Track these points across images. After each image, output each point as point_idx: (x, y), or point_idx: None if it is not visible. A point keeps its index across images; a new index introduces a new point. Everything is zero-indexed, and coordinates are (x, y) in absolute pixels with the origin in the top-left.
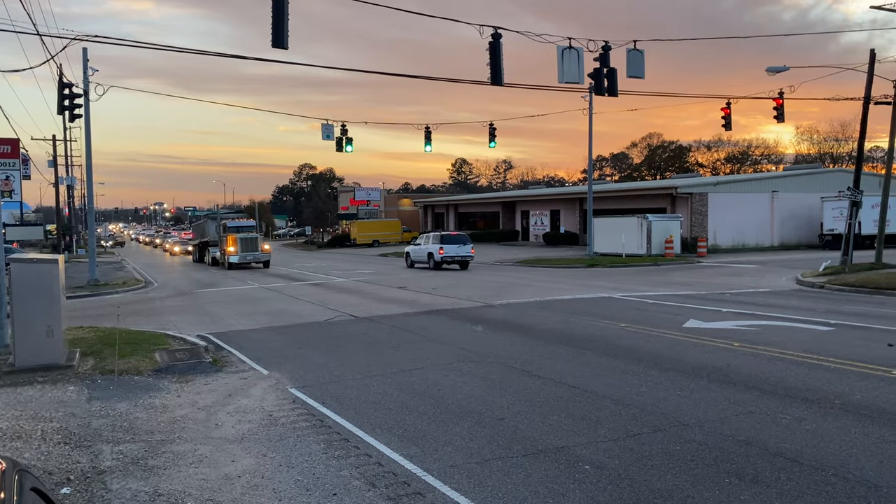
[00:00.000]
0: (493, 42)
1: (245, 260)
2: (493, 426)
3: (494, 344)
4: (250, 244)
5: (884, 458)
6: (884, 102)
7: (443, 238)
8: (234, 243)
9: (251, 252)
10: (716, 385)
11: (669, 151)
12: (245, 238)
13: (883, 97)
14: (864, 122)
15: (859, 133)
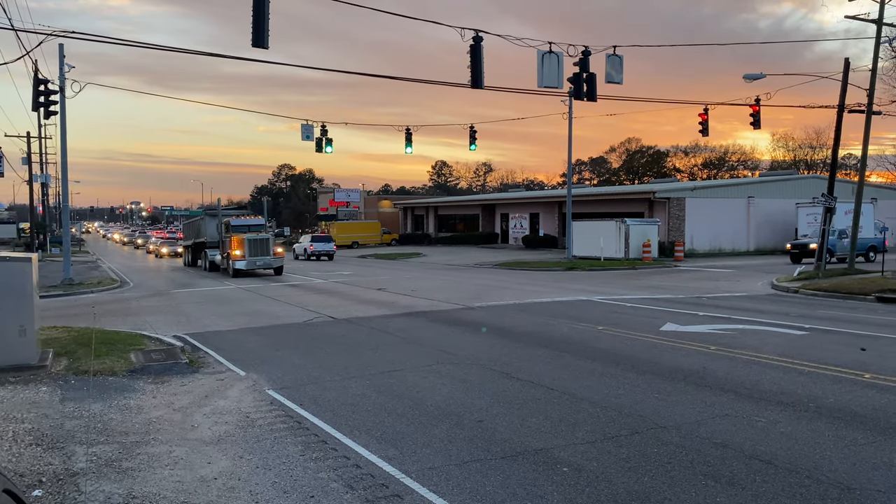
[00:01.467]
0: (474, 45)
1: (254, 266)
2: (472, 428)
3: (473, 346)
4: (260, 247)
5: (856, 461)
6: (857, 111)
7: (313, 238)
8: (240, 246)
9: (261, 256)
10: (692, 388)
11: (647, 156)
12: (254, 240)
13: (857, 105)
14: (839, 129)
15: (833, 140)
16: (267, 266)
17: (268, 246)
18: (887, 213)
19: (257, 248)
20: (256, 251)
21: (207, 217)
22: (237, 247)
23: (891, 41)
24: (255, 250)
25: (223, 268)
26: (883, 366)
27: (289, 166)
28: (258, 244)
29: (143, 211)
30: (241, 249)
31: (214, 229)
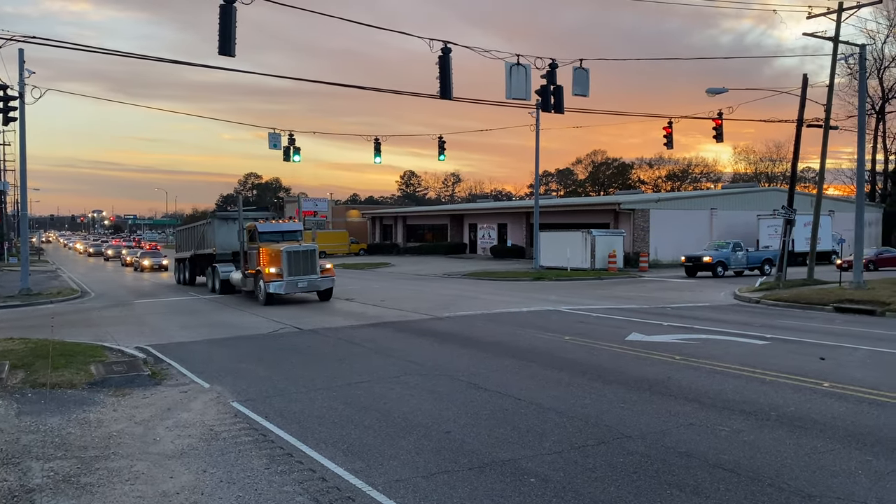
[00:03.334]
0: (443, 56)
1: (297, 288)
2: (440, 439)
3: (441, 356)
4: (304, 262)
5: (816, 468)
6: (815, 125)
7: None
8: (274, 260)
9: (306, 275)
10: (657, 397)
11: (613, 168)
12: (296, 252)
13: (815, 120)
14: (798, 143)
15: (793, 154)
16: (312, 288)
17: (314, 261)
18: (844, 226)
19: (300, 264)
20: (299, 268)
21: (217, 221)
22: (270, 262)
23: (846, 58)
24: (296, 267)
25: (244, 290)
26: (841, 375)
27: (255, 175)
28: (301, 259)
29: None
30: (277, 265)
31: (228, 237)
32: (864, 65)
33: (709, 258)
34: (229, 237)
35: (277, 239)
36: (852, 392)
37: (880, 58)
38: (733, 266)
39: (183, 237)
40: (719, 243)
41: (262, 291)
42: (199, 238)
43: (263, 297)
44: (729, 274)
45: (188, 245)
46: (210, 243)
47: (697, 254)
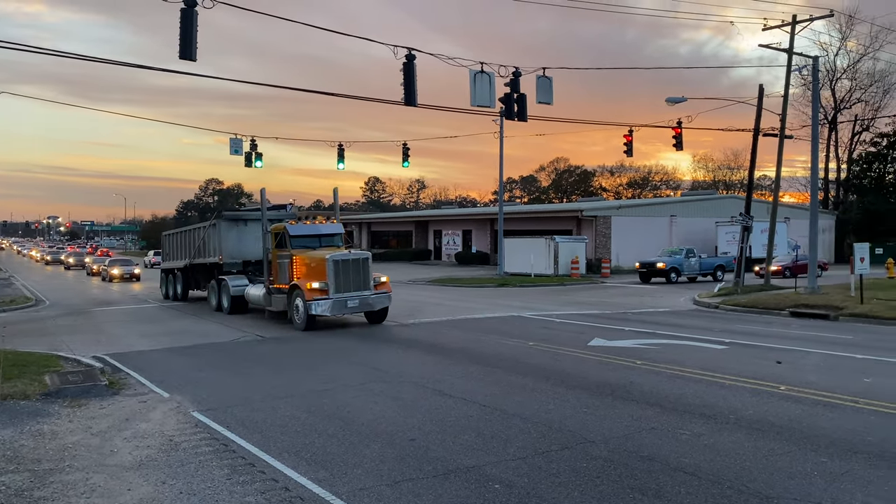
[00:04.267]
0: (407, 63)
1: (345, 307)
2: (404, 447)
3: (406, 363)
4: (356, 273)
5: (774, 470)
6: (771, 134)
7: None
8: (317, 272)
9: (357, 290)
10: (619, 402)
11: (575, 175)
12: (345, 262)
13: (771, 129)
14: (754, 152)
15: (750, 162)
16: (364, 308)
17: (366, 273)
18: (800, 232)
19: (350, 277)
20: (348, 282)
21: (225, 224)
22: (310, 274)
23: (800, 70)
24: (345, 280)
25: (269, 309)
26: (797, 378)
27: (216, 181)
28: (352, 270)
29: (61, 226)
30: (320, 278)
31: (239, 243)
32: (817, 76)
33: (662, 264)
34: (241, 243)
35: (314, 244)
36: (808, 395)
37: (833, 69)
38: (686, 272)
39: (174, 243)
40: (673, 250)
41: (299, 312)
42: (199, 244)
43: (302, 320)
44: (682, 280)
45: (181, 252)
46: (214, 250)
47: (651, 260)
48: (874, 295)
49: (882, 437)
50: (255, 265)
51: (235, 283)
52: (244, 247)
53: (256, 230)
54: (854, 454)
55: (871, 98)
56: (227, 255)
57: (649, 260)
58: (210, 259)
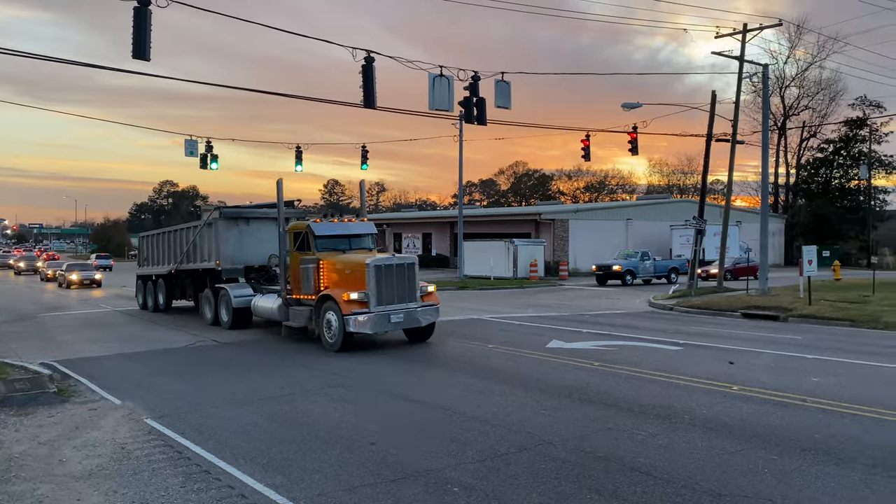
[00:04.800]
0: (366, 65)
1: (389, 323)
2: (363, 452)
3: (365, 367)
4: (400, 282)
5: (726, 469)
6: (724, 140)
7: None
8: (354, 279)
9: (402, 303)
10: (577, 403)
11: (534, 179)
12: (388, 267)
13: (723, 135)
14: (707, 157)
15: (703, 167)
16: (410, 323)
17: (412, 281)
18: (751, 235)
19: (393, 286)
20: (391, 292)
21: (223, 223)
22: (345, 282)
23: (751, 77)
24: (388, 290)
25: (288, 325)
26: (748, 378)
27: (171, 183)
28: (396, 277)
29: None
30: (358, 287)
31: (241, 245)
32: (767, 83)
33: (618, 267)
34: (242, 245)
35: (342, 246)
36: (759, 395)
37: (782, 77)
38: (641, 275)
39: (155, 246)
40: (629, 253)
41: (332, 329)
42: (188, 247)
43: (337, 339)
44: (637, 282)
45: (164, 256)
46: (208, 254)
47: (608, 263)
48: (822, 296)
49: (829, 435)
50: (258, 272)
51: (238, 292)
52: (246, 250)
53: (261, 231)
54: (803, 451)
55: (818, 105)
56: (226, 259)
57: (606, 263)
58: (203, 264)
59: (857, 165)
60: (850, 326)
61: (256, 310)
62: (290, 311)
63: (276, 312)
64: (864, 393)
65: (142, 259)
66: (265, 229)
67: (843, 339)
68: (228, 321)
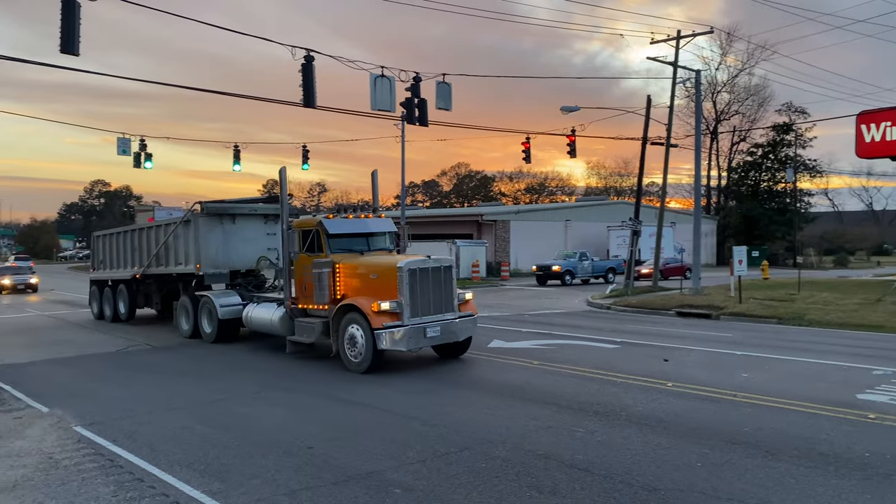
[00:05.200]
0: (306, 64)
1: (424, 338)
2: (302, 455)
3: (304, 371)
4: (437, 288)
5: (661, 464)
6: (658, 143)
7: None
8: (384, 286)
9: (439, 313)
10: (518, 402)
11: (476, 181)
12: (423, 271)
13: (658, 138)
14: (643, 159)
15: (639, 170)
16: (447, 338)
17: (450, 287)
18: (684, 236)
19: (428, 293)
20: (427, 301)
21: (204, 220)
22: (369, 288)
23: (684, 82)
24: (423, 298)
25: (295, 340)
26: (682, 374)
27: (103, 182)
28: (433, 283)
29: None
30: (389, 295)
31: (226, 246)
32: (699, 88)
33: (558, 267)
34: (227, 246)
35: (360, 247)
36: (692, 391)
37: (714, 83)
38: (580, 275)
39: (114, 246)
40: (567, 253)
41: (357, 345)
42: (160, 247)
43: (364, 357)
44: (576, 282)
45: (127, 258)
46: (186, 256)
47: (547, 263)
48: (751, 295)
49: (757, 428)
50: (244, 277)
51: (223, 301)
52: (231, 252)
53: (247, 230)
54: (733, 445)
55: (748, 110)
56: (209, 262)
57: (545, 263)
58: (178, 268)
59: (783, 169)
60: (777, 324)
61: (251, 322)
62: (297, 325)
63: (277, 325)
64: (790, 387)
65: (97, 262)
66: (253, 228)
67: (771, 335)
68: (212, 333)
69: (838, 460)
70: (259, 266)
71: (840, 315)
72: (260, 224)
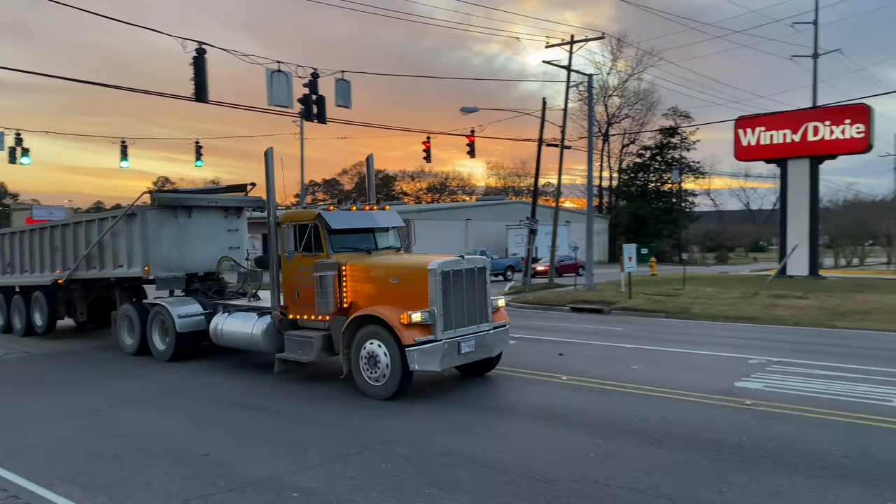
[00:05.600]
0: (198, 57)
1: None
2: (196, 463)
3: (197, 376)
4: (470, 293)
5: (558, 455)
6: (553, 144)
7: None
8: (410, 293)
9: (473, 325)
10: (419, 402)
11: (378, 180)
12: (456, 273)
13: (553, 140)
14: (539, 160)
15: (535, 170)
16: (481, 353)
17: (484, 291)
18: (578, 235)
19: (462, 301)
20: (460, 309)
21: (155, 214)
22: (386, 295)
23: (577, 85)
24: (457, 307)
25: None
26: (576, 368)
27: None
28: (465, 287)
29: None
30: (419, 304)
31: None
32: (591, 92)
33: None
34: (185, 244)
35: (366, 245)
36: (585, 384)
37: (606, 87)
38: None
39: (27, 246)
40: (468, 251)
41: (381, 366)
42: (94, 247)
43: (389, 380)
44: None
45: (46, 260)
46: (129, 256)
47: None
48: (640, 290)
49: (644, 417)
50: (203, 281)
51: (182, 310)
52: (188, 252)
53: (206, 225)
54: (623, 434)
55: (637, 114)
56: (160, 264)
57: None
58: (120, 272)
59: (670, 170)
60: (664, 317)
61: (221, 336)
62: (287, 339)
63: (259, 340)
64: (676, 378)
65: (4, 264)
66: (212, 223)
67: (659, 328)
68: (167, 350)
69: (719, 445)
70: (220, 269)
71: (721, 308)
72: (220, 218)
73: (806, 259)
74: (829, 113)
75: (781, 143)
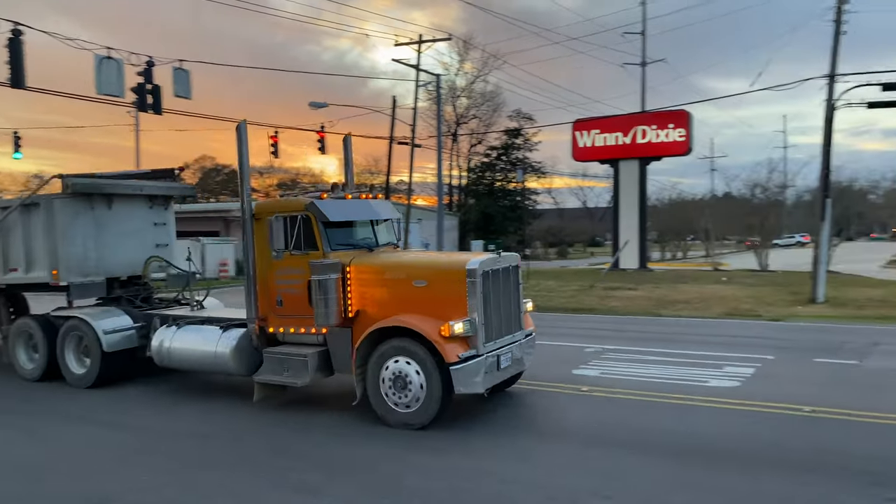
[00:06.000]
0: (14, 39)
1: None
2: (28, 486)
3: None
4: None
5: (411, 450)
6: (404, 143)
7: None
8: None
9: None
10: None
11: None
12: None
13: (404, 138)
14: (390, 158)
15: (387, 168)
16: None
17: (517, 293)
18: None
19: (500, 306)
20: (499, 319)
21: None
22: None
23: (426, 85)
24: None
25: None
26: None
27: None
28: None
29: None
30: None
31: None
32: (440, 92)
33: None
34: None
35: (367, 241)
36: None
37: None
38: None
39: None
40: None
41: (414, 389)
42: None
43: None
44: None
45: None
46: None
47: None
48: None
49: (492, 410)
50: (126, 286)
51: (109, 323)
52: (108, 251)
53: (130, 218)
54: (474, 423)
55: (484, 115)
56: (74, 266)
57: None
58: (13, 276)
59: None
60: None
61: (170, 355)
62: (267, 358)
63: (227, 360)
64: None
65: None
66: (135, 216)
67: None
68: (90, 373)
69: (555, 429)
70: (147, 272)
71: (561, 301)
72: (144, 210)
73: (636, 253)
74: (655, 118)
75: (614, 145)
